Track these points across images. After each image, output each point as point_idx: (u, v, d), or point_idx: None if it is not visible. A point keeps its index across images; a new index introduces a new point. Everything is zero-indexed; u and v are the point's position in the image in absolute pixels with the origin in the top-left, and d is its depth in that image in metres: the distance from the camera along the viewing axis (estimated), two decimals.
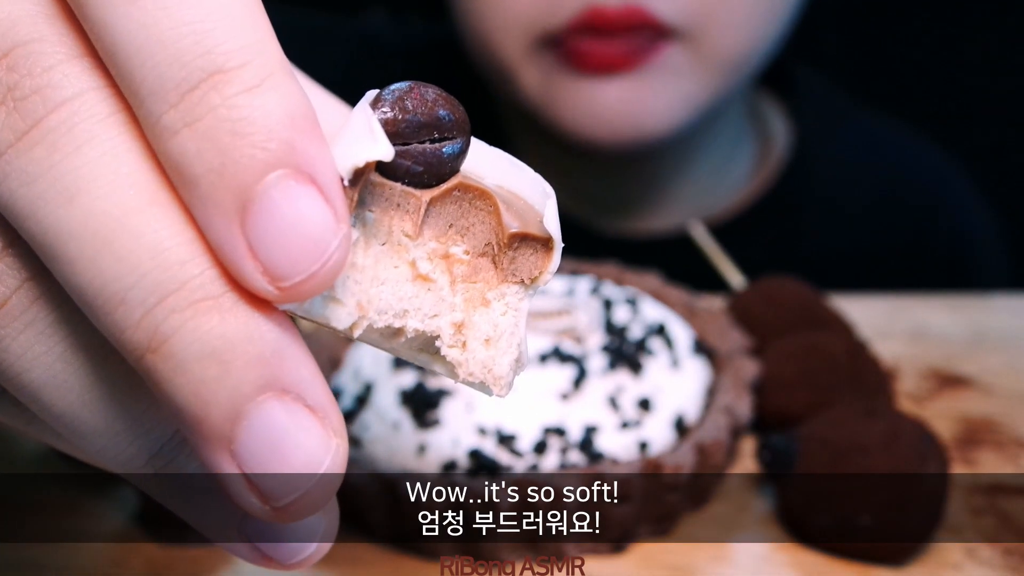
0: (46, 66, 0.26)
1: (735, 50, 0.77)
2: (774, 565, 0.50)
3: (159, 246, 0.25)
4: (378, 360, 0.56)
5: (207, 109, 0.24)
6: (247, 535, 0.30)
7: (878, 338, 0.69)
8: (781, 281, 0.64)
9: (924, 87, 1.20)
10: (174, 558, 0.51)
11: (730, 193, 0.94)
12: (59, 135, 0.25)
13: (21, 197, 0.25)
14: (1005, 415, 0.61)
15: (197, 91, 0.24)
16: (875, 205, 0.96)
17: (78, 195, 0.25)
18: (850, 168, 0.96)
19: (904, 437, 0.48)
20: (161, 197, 0.25)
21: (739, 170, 0.95)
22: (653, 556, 0.50)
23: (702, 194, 0.93)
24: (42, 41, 0.26)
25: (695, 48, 0.76)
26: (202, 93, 0.24)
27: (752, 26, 0.77)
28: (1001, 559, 0.50)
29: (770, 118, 0.97)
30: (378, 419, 0.53)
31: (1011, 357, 0.67)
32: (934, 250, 0.96)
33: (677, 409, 0.53)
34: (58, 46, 0.26)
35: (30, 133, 0.25)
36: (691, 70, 0.77)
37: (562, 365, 0.53)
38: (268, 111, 0.24)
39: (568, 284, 0.62)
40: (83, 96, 0.26)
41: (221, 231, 0.24)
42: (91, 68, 0.26)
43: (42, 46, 0.26)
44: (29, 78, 0.26)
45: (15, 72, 0.26)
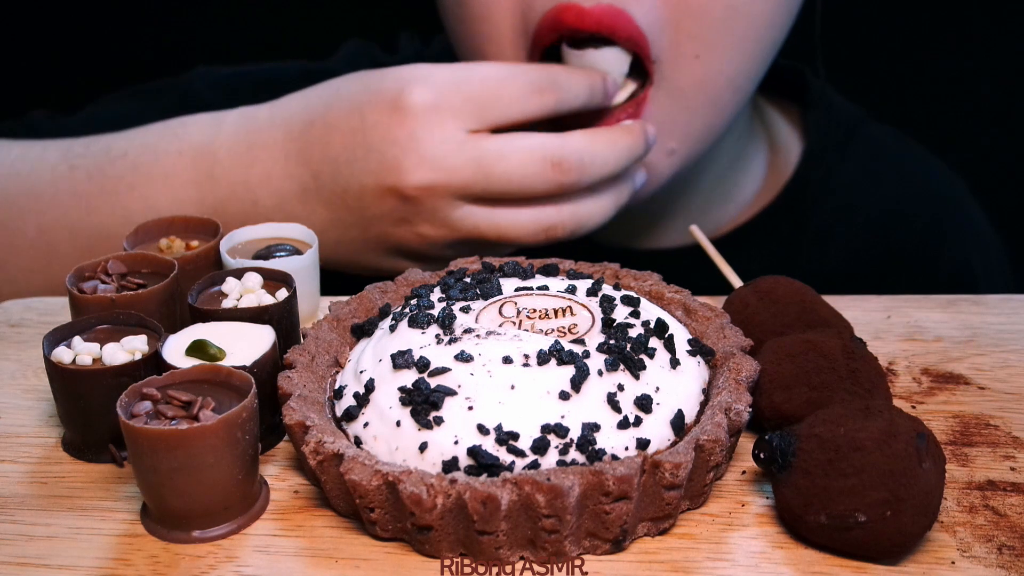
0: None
1: (711, 76, 0.77)
2: (772, 563, 0.50)
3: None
4: (380, 359, 0.57)
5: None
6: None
7: (874, 337, 0.69)
8: (778, 280, 0.65)
9: (929, 95, 1.20)
10: (177, 555, 0.51)
11: (739, 205, 0.94)
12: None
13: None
14: (999, 414, 0.62)
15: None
16: (882, 220, 0.95)
17: None
18: (858, 182, 0.95)
19: (900, 435, 0.49)
20: None
21: (748, 181, 0.94)
22: (652, 554, 0.51)
23: (708, 207, 0.93)
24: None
25: (672, 83, 0.76)
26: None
27: (725, 49, 0.77)
28: (995, 557, 0.50)
29: (780, 128, 0.97)
30: (379, 418, 0.53)
31: (1005, 356, 0.68)
32: (939, 268, 0.96)
33: (676, 408, 0.54)
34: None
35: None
36: (673, 116, 0.77)
37: (562, 365, 0.54)
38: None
39: (568, 284, 0.63)
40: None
41: None
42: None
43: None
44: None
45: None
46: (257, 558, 0.51)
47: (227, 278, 0.65)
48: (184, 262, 0.68)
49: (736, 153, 0.93)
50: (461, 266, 0.68)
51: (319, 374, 0.59)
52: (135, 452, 0.51)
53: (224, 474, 0.51)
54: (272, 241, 0.73)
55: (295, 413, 0.54)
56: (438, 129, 0.71)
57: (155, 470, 0.51)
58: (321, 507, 0.55)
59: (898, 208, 0.96)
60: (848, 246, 0.95)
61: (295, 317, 0.64)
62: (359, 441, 0.54)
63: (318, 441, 0.52)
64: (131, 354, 0.57)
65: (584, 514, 0.49)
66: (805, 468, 0.50)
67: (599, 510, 0.49)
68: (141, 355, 0.57)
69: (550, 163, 0.71)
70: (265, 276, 0.65)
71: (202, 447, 0.50)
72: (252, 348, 0.58)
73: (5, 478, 0.58)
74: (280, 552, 0.52)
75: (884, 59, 1.16)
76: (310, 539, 0.52)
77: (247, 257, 0.71)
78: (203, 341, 0.57)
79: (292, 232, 0.74)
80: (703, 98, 0.77)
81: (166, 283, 0.64)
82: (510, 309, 0.60)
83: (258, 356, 0.57)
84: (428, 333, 0.57)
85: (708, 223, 0.92)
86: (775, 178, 0.94)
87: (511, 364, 0.54)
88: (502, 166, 0.71)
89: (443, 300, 0.61)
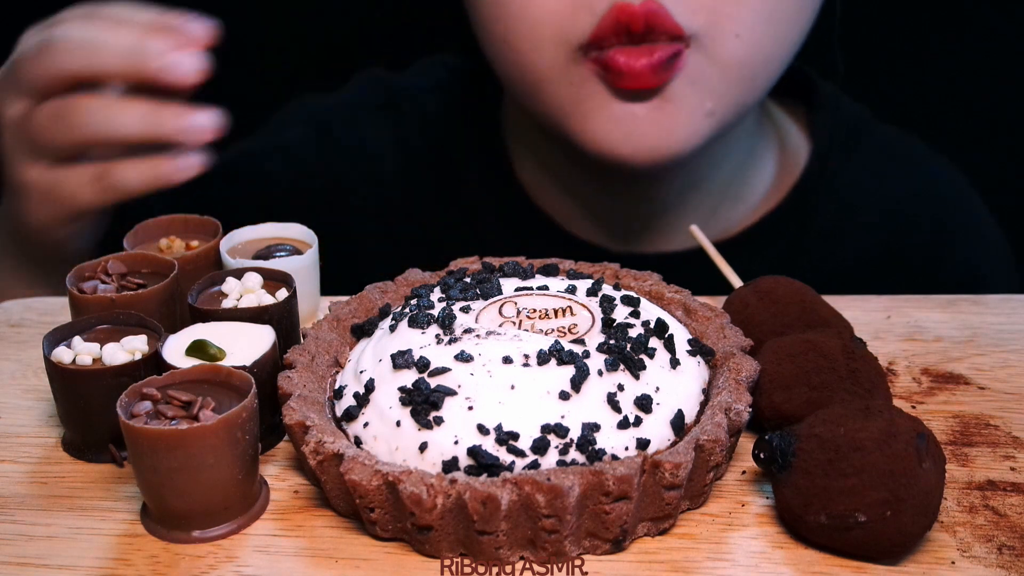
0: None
1: (749, 55, 0.77)
2: (772, 563, 0.50)
3: None
4: (380, 359, 0.57)
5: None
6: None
7: (874, 337, 0.69)
8: (778, 280, 0.65)
9: (935, 95, 1.19)
10: (177, 555, 0.51)
11: (749, 206, 0.94)
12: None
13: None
14: (999, 414, 0.62)
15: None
16: (888, 221, 0.95)
17: None
18: (866, 184, 0.95)
19: (900, 435, 0.49)
20: None
21: (759, 182, 0.94)
22: (652, 554, 0.51)
23: (719, 208, 0.93)
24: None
25: (712, 55, 0.76)
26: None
27: (764, 31, 0.77)
28: (995, 557, 0.50)
29: (788, 129, 0.97)
30: (379, 418, 0.53)
31: (1005, 356, 0.68)
32: (945, 269, 0.95)
33: (676, 408, 0.54)
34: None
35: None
36: (711, 79, 0.77)
37: (562, 365, 0.54)
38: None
39: (568, 284, 0.63)
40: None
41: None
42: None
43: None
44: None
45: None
46: (257, 558, 0.51)
47: (227, 278, 0.65)
48: (184, 262, 0.68)
49: (747, 151, 0.93)
50: (461, 266, 0.68)
51: (319, 374, 0.59)
52: (135, 452, 0.51)
53: (224, 474, 0.51)
54: (272, 241, 0.73)
55: (295, 413, 0.54)
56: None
57: (155, 470, 0.51)
58: (321, 507, 0.55)
59: (904, 208, 0.96)
60: (855, 247, 0.94)
61: (295, 317, 0.64)
62: (359, 441, 0.54)
63: (318, 441, 0.52)
64: (131, 354, 0.57)
65: (584, 514, 0.49)
66: (805, 468, 0.50)
67: (599, 510, 0.49)
68: (141, 355, 0.57)
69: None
70: (265, 276, 0.65)
71: (202, 447, 0.50)
72: (252, 348, 0.58)
73: (5, 478, 0.58)
74: (280, 552, 0.52)
75: (886, 58, 1.16)
76: (310, 539, 0.52)
77: (247, 257, 0.71)
78: (203, 341, 0.57)
79: (292, 232, 0.74)
80: (742, 72, 0.78)
81: (166, 283, 0.64)
82: (510, 309, 0.60)
83: (258, 356, 0.57)
84: (428, 333, 0.57)
85: (717, 224, 0.92)
86: (785, 179, 0.94)
87: (511, 364, 0.54)
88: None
89: (443, 300, 0.61)
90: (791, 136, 0.96)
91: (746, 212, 0.94)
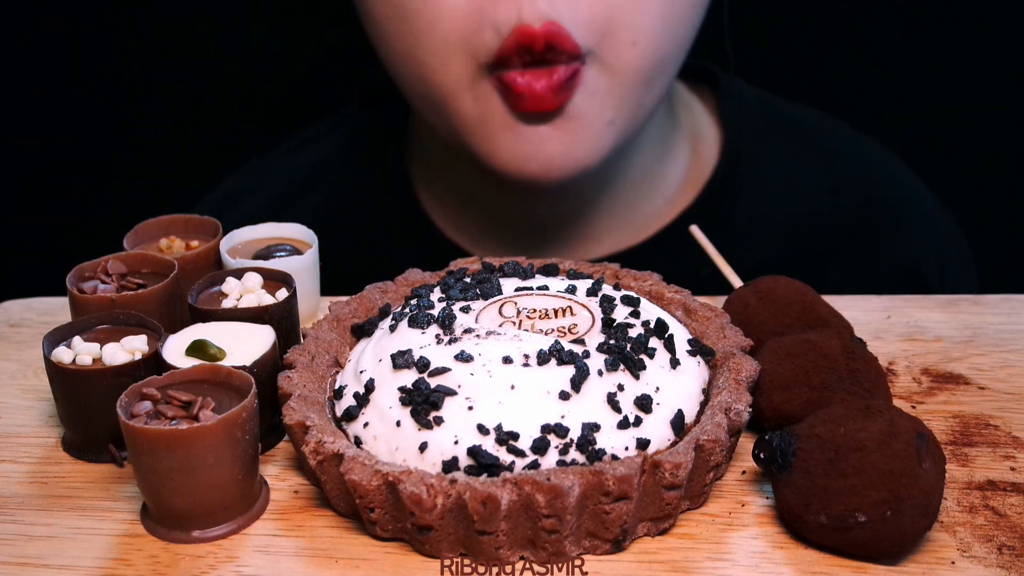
0: None
1: (646, 60, 0.77)
2: (772, 563, 0.50)
3: None
4: (380, 359, 0.57)
5: None
6: None
7: (874, 337, 0.69)
8: (778, 280, 0.65)
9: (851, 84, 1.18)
10: (177, 555, 0.51)
11: (666, 198, 0.92)
12: None
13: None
14: (999, 414, 0.62)
15: None
16: (816, 205, 0.93)
17: None
18: (783, 168, 0.94)
19: (900, 435, 0.49)
20: None
21: (673, 173, 0.93)
22: (652, 554, 0.51)
23: (637, 203, 0.91)
24: None
25: (609, 66, 0.76)
26: None
27: (661, 35, 0.77)
28: (995, 557, 0.50)
29: (699, 117, 0.96)
30: (379, 418, 0.54)
31: (1005, 356, 0.68)
32: (882, 249, 0.93)
33: (676, 408, 0.54)
34: None
35: None
36: (609, 89, 0.77)
37: (562, 365, 0.54)
38: None
39: (568, 284, 0.63)
40: None
41: None
42: None
43: None
44: None
45: None
46: (257, 558, 0.51)
47: (227, 278, 0.65)
48: (184, 262, 0.68)
49: (660, 142, 0.92)
50: (461, 266, 0.68)
51: (319, 374, 0.59)
52: (135, 452, 0.51)
53: (224, 474, 0.51)
54: (272, 241, 0.73)
55: (295, 413, 0.54)
56: None
57: (155, 470, 0.51)
58: (321, 507, 0.55)
59: (830, 190, 0.94)
60: (781, 236, 0.93)
61: (295, 317, 0.64)
62: (359, 441, 0.54)
63: (318, 441, 0.52)
64: (131, 354, 0.57)
65: (584, 514, 0.49)
66: (805, 468, 0.50)
67: (599, 510, 0.49)
68: (141, 355, 0.57)
69: None
70: (265, 276, 0.65)
71: (202, 447, 0.50)
72: (252, 348, 0.58)
73: (5, 478, 0.58)
74: (280, 552, 0.52)
75: (778, 50, 1.14)
76: (310, 539, 0.52)
77: (247, 257, 0.71)
78: (203, 341, 0.57)
79: (292, 232, 0.74)
80: (638, 77, 0.78)
81: (166, 283, 0.64)
82: (510, 309, 0.60)
83: (258, 356, 0.57)
84: (428, 333, 0.57)
85: (637, 218, 0.91)
86: (698, 169, 0.93)
87: (511, 364, 0.54)
88: None
89: (443, 300, 0.62)
90: (702, 124, 0.95)
91: (665, 203, 0.92)
